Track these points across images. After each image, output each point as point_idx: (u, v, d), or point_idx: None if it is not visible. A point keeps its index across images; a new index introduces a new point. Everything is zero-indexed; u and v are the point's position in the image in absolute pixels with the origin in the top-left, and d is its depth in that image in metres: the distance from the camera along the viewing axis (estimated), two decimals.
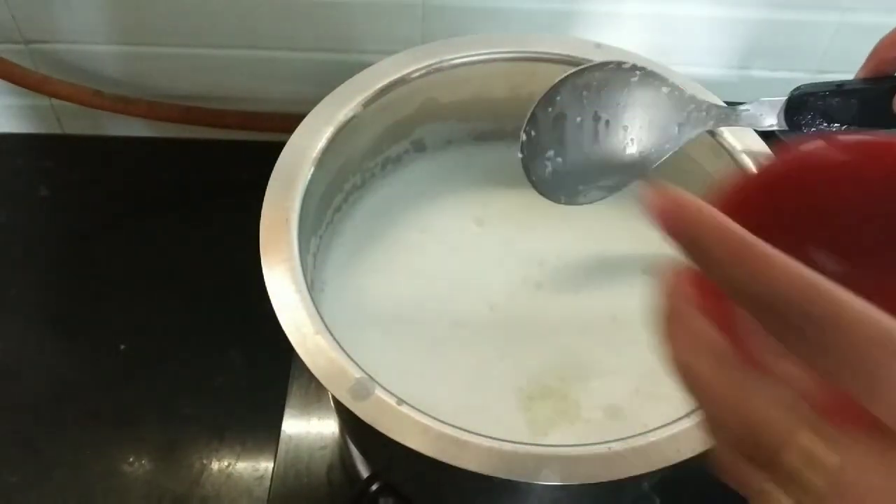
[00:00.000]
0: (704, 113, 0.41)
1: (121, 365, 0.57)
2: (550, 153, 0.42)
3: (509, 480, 0.33)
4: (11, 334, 0.59)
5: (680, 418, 0.35)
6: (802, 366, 0.18)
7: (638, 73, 0.41)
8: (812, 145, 0.24)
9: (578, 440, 0.35)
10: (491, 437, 0.34)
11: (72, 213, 0.67)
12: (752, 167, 0.44)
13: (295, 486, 0.51)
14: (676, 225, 0.19)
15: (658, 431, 0.35)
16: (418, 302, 0.46)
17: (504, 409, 0.42)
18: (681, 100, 0.41)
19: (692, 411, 0.35)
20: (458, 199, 0.51)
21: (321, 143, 0.43)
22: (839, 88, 0.39)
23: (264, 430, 0.54)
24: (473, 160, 0.53)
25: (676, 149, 0.42)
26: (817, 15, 0.61)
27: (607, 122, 0.41)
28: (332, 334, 0.36)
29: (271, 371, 0.56)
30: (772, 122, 0.41)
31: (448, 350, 0.45)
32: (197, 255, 0.63)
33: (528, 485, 0.34)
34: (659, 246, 0.19)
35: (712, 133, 0.45)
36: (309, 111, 0.45)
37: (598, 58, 0.48)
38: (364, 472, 0.51)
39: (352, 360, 0.36)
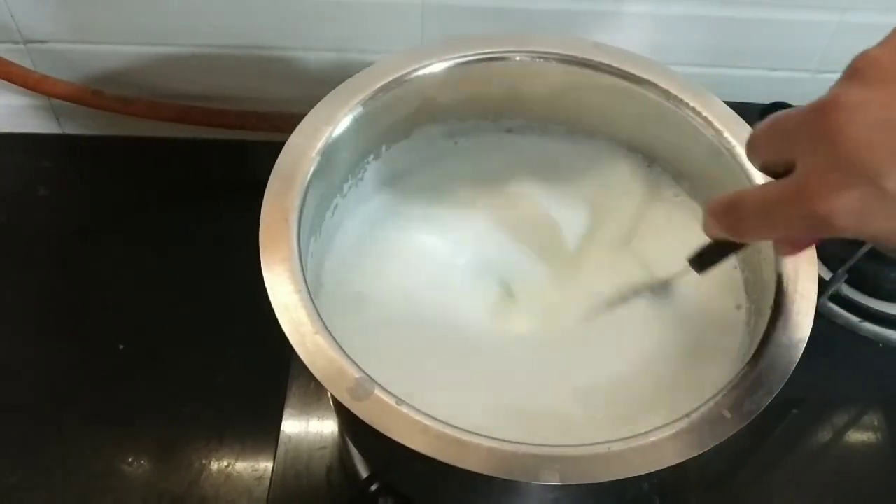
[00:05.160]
0: None
1: (120, 365, 0.57)
2: None
3: (509, 480, 0.33)
4: (11, 334, 0.59)
5: (679, 419, 0.35)
6: None
7: None
8: None
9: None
10: (490, 437, 0.34)
11: (71, 212, 0.67)
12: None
13: (294, 486, 0.51)
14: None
15: (658, 432, 0.35)
16: (418, 301, 0.46)
17: (502, 410, 0.42)
18: None
19: (692, 414, 0.35)
20: (458, 198, 0.51)
21: (321, 142, 0.43)
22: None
23: (264, 430, 0.54)
24: (473, 159, 0.52)
25: None
26: (817, 14, 0.61)
27: None
28: (331, 334, 0.36)
29: (271, 371, 0.56)
30: None
31: (448, 350, 0.45)
32: (196, 254, 0.63)
33: (528, 485, 0.34)
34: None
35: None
36: (308, 111, 0.45)
37: (596, 57, 0.48)
38: (363, 472, 0.51)
39: (351, 360, 0.36)
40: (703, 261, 0.39)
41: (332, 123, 0.44)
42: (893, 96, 0.25)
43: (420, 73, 0.47)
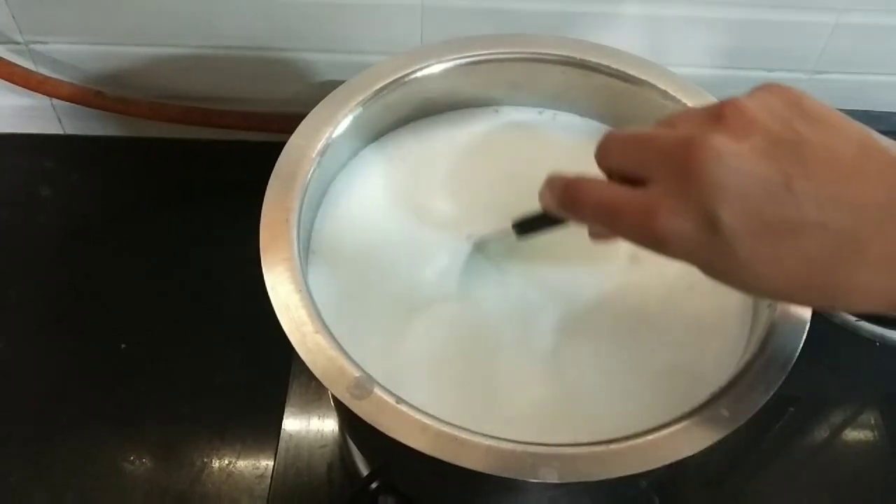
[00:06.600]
0: None
1: (121, 364, 0.58)
2: None
3: (508, 479, 0.33)
4: (11, 334, 0.59)
5: (677, 419, 0.35)
6: None
7: None
8: None
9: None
10: (489, 436, 0.34)
11: (73, 213, 0.67)
12: None
13: (295, 485, 0.52)
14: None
15: (656, 430, 0.35)
16: (417, 300, 0.46)
17: (503, 408, 0.42)
18: None
19: (690, 413, 0.35)
20: (454, 195, 0.51)
21: (321, 143, 0.44)
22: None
23: (265, 429, 0.54)
24: (471, 158, 0.52)
25: None
26: (814, 16, 0.61)
27: None
28: (331, 333, 0.37)
29: (272, 370, 0.56)
30: None
31: (448, 348, 0.45)
32: (197, 254, 0.64)
33: (527, 483, 0.34)
34: None
35: None
36: (309, 111, 0.45)
37: (595, 59, 0.48)
38: (364, 471, 0.51)
39: (351, 359, 0.36)
40: (525, 227, 0.41)
41: (332, 124, 0.44)
42: (749, 151, 0.28)
43: (420, 73, 0.47)
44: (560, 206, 0.34)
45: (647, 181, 0.30)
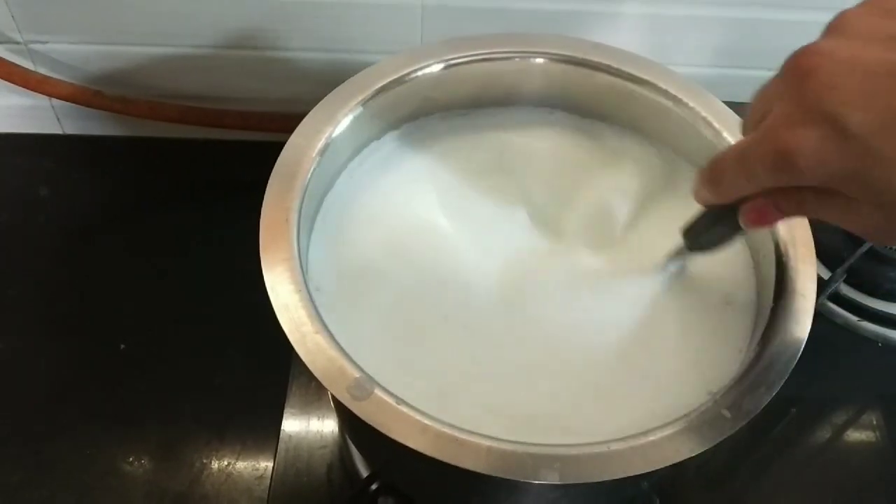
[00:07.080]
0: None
1: (121, 364, 0.58)
2: None
3: (508, 479, 0.33)
4: (11, 334, 0.59)
5: (678, 418, 0.35)
6: None
7: None
8: None
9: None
10: (490, 437, 0.34)
11: (72, 212, 0.67)
12: None
13: (295, 485, 0.52)
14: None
15: (657, 431, 0.35)
16: (418, 298, 0.46)
17: (505, 406, 0.42)
18: None
19: (691, 413, 0.35)
20: (453, 193, 0.51)
21: (321, 142, 0.43)
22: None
23: (264, 430, 0.54)
24: (471, 156, 0.52)
25: None
26: (816, 15, 0.60)
27: None
28: (331, 333, 0.37)
29: (271, 370, 0.56)
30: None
31: (449, 346, 0.45)
32: (197, 254, 0.64)
33: (528, 484, 0.34)
34: None
35: None
36: (309, 111, 0.45)
37: (595, 58, 0.48)
38: (364, 471, 0.51)
39: (351, 359, 0.36)
40: (693, 233, 0.40)
41: (332, 124, 0.44)
42: (861, 46, 0.26)
43: (420, 73, 0.47)
44: (709, 187, 0.33)
45: (770, 112, 0.29)
